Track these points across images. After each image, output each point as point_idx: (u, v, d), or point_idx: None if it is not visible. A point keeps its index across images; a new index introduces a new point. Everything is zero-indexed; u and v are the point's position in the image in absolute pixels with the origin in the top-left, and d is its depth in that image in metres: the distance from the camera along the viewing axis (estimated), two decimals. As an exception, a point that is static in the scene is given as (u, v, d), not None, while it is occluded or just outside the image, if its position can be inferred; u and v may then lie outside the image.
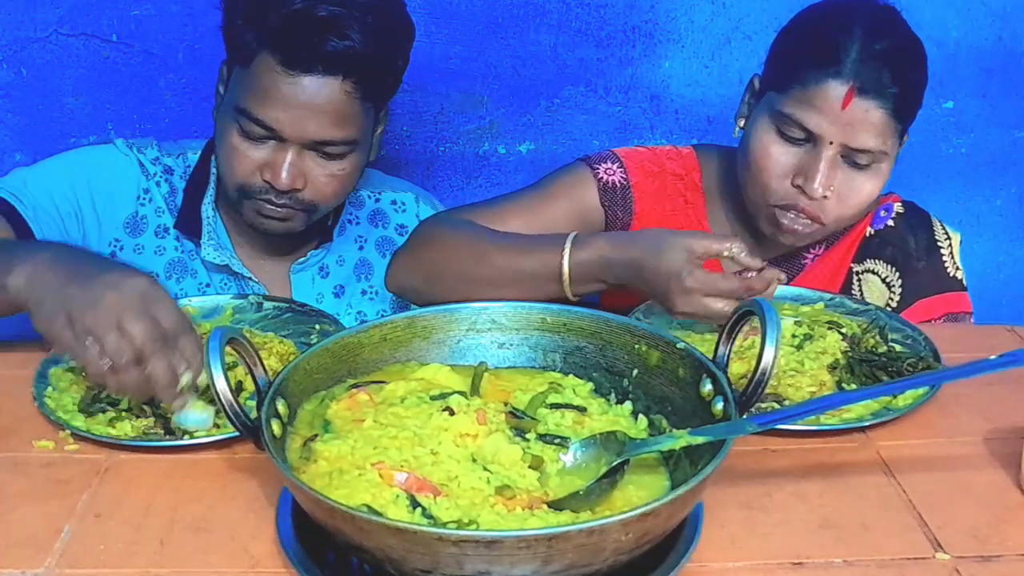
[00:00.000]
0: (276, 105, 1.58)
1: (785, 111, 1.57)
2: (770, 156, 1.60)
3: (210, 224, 1.77)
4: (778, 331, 1.10)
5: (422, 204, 1.93)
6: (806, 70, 1.56)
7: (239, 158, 1.63)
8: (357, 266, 1.87)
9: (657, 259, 1.41)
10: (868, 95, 1.53)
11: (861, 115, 1.53)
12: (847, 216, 1.63)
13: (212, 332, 1.07)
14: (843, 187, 1.58)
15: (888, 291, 1.74)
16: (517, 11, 2.23)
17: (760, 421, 1.08)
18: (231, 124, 1.63)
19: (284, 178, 1.61)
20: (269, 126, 1.59)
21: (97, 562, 1.06)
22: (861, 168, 1.58)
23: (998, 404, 1.35)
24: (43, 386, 1.34)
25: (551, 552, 0.91)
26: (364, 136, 1.67)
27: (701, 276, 1.37)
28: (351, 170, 1.68)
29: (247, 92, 1.60)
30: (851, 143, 1.55)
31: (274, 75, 1.57)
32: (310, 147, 1.62)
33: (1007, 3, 2.30)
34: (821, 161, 1.56)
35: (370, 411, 1.16)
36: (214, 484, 1.19)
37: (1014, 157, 2.43)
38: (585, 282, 1.51)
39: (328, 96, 1.58)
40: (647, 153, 1.82)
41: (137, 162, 1.77)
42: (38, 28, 2.11)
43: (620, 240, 1.50)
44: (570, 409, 1.21)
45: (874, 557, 1.08)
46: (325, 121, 1.59)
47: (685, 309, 1.38)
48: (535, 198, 1.74)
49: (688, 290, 1.37)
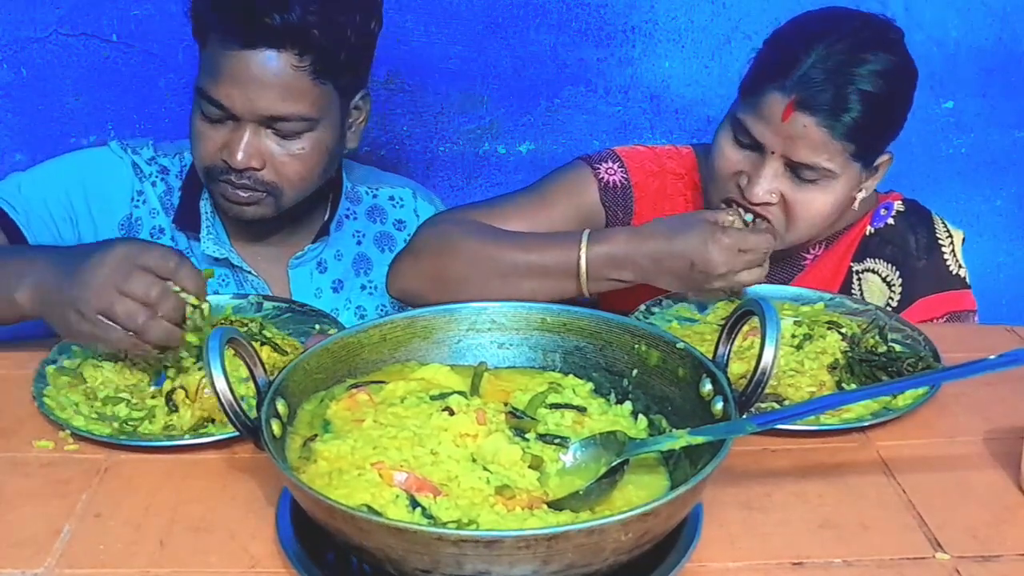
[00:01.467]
0: (226, 82, 1.59)
1: (739, 116, 1.60)
2: (723, 155, 1.63)
3: (208, 219, 1.78)
4: (778, 331, 1.10)
5: (419, 200, 1.93)
6: (758, 79, 1.58)
7: (202, 141, 1.65)
8: (356, 261, 1.87)
9: (678, 240, 1.48)
10: (807, 111, 1.53)
11: (800, 130, 1.54)
12: (799, 228, 1.63)
13: (212, 332, 1.07)
14: (790, 198, 1.59)
15: (888, 290, 1.74)
16: (517, 11, 2.24)
17: (760, 421, 1.08)
18: (196, 108, 1.65)
19: (239, 157, 1.61)
20: (221, 104, 1.60)
21: (97, 562, 1.06)
22: (808, 181, 1.58)
23: (998, 404, 1.35)
24: (43, 386, 1.34)
25: (551, 552, 0.91)
26: (324, 115, 1.65)
27: (732, 233, 1.47)
28: (311, 151, 1.66)
29: (204, 73, 1.62)
30: (791, 156, 1.56)
31: (222, 53, 1.59)
32: (265, 125, 1.62)
33: (1007, 3, 2.30)
34: (764, 167, 1.58)
35: (370, 411, 1.16)
36: (214, 484, 1.19)
37: (1014, 157, 2.43)
38: (601, 279, 1.52)
39: (276, 70, 1.58)
40: (647, 152, 1.82)
41: (131, 163, 1.79)
42: (38, 28, 2.11)
43: (636, 233, 1.53)
44: (570, 409, 1.21)
45: (874, 557, 1.08)
46: (274, 95, 1.59)
47: (725, 269, 1.46)
48: (536, 198, 1.73)
49: (725, 247, 1.45)
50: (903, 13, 2.19)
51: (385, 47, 2.23)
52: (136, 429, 1.28)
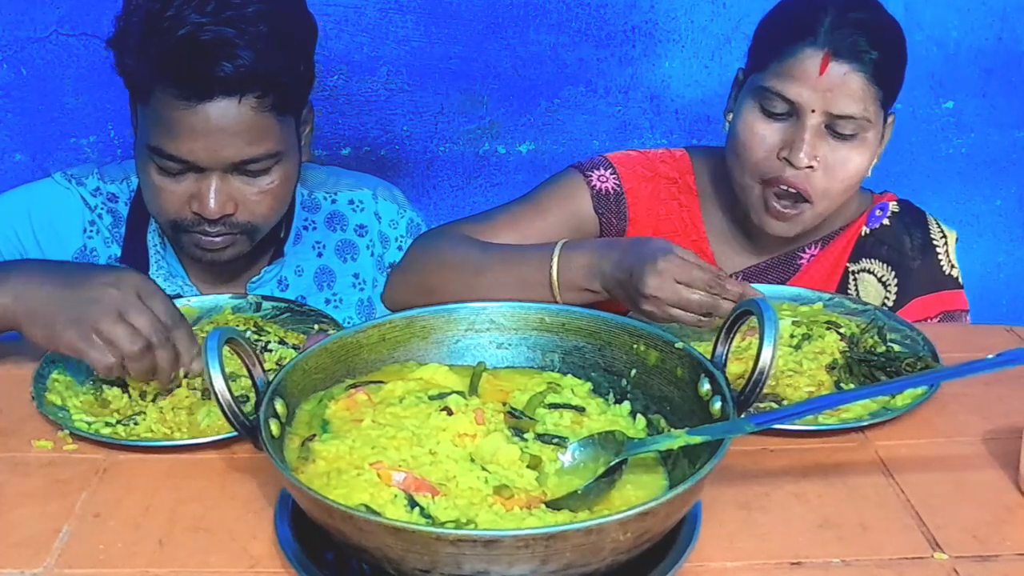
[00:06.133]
0: (185, 138, 1.51)
1: (766, 85, 1.59)
2: (755, 133, 1.62)
3: (159, 252, 1.71)
4: (776, 331, 1.10)
5: (381, 201, 1.84)
6: (783, 44, 1.59)
7: (164, 196, 1.57)
8: (317, 275, 1.79)
9: (631, 253, 1.44)
10: (844, 59, 1.55)
11: (839, 80, 1.55)
12: (835, 191, 1.62)
13: (211, 332, 1.07)
14: (829, 158, 1.59)
15: (884, 290, 1.74)
16: (517, 11, 2.24)
17: (758, 421, 1.08)
18: (147, 163, 1.56)
19: (212, 207, 1.55)
20: (183, 159, 1.52)
21: (96, 562, 1.07)
22: (846, 139, 1.59)
23: (997, 404, 1.35)
24: (42, 386, 1.34)
25: (549, 552, 0.91)
26: (287, 146, 1.59)
27: (677, 260, 1.39)
28: (281, 181, 1.60)
29: (154, 129, 1.53)
30: (832, 109, 1.56)
31: (174, 107, 1.50)
32: (231, 170, 1.55)
33: (1007, 3, 2.30)
34: (805, 131, 1.57)
35: (368, 411, 1.16)
36: (213, 484, 1.19)
37: (1014, 157, 2.43)
38: (572, 288, 1.52)
39: (236, 118, 1.51)
40: (639, 157, 1.82)
41: (78, 195, 1.72)
42: (38, 28, 2.11)
43: (607, 244, 1.53)
44: (568, 409, 1.21)
45: (872, 557, 1.08)
46: (239, 142, 1.52)
47: (655, 293, 1.38)
48: (528, 209, 1.74)
49: (660, 271, 1.38)
50: (903, 13, 2.19)
51: (385, 47, 2.24)
52: (134, 428, 1.29)
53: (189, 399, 1.32)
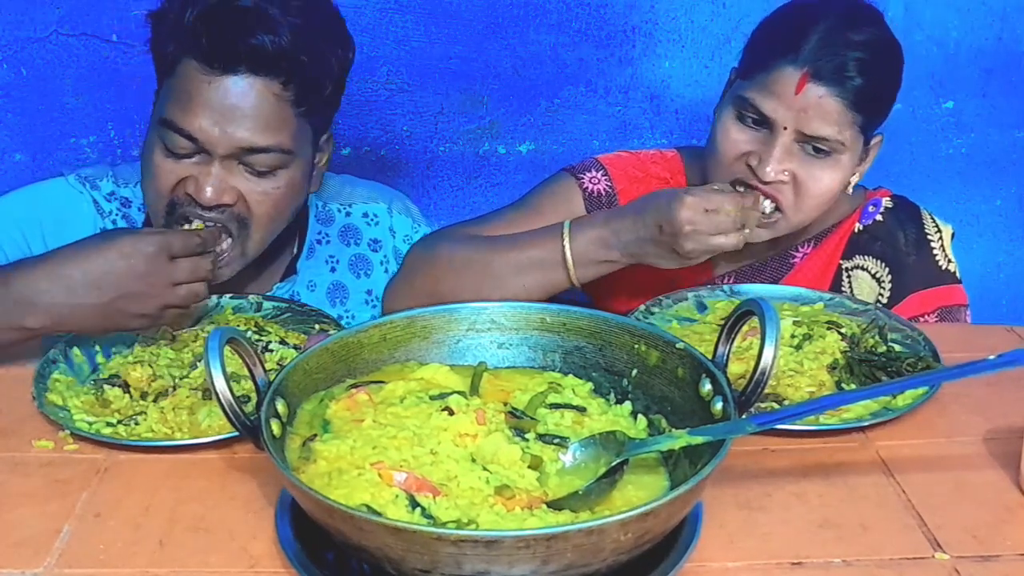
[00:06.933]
0: (199, 111, 1.47)
1: (746, 96, 1.60)
2: (728, 138, 1.63)
3: None
4: (777, 331, 1.10)
5: (396, 215, 1.82)
6: (767, 57, 1.59)
7: (162, 174, 1.52)
8: (331, 290, 1.77)
9: (648, 207, 1.51)
10: (823, 81, 1.54)
11: (815, 101, 1.54)
12: (807, 207, 1.62)
13: (212, 332, 1.07)
14: (800, 174, 1.59)
15: (878, 287, 1.74)
16: (517, 11, 2.24)
17: (759, 421, 1.08)
18: (155, 141, 1.52)
19: (208, 193, 1.49)
20: (192, 135, 1.48)
21: (96, 562, 1.07)
22: (818, 157, 1.58)
23: (997, 404, 1.35)
24: (43, 386, 1.34)
25: (550, 552, 0.91)
26: (300, 151, 1.55)
27: (694, 194, 1.49)
28: (286, 189, 1.55)
29: (170, 102, 1.50)
30: (805, 129, 1.56)
31: (197, 79, 1.47)
32: (238, 159, 1.50)
33: (1007, 3, 2.30)
34: (775, 147, 1.57)
35: (369, 411, 1.16)
36: (213, 484, 1.19)
37: (1014, 157, 2.43)
38: (588, 263, 1.54)
39: (255, 99, 1.47)
40: (631, 159, 1.83)
41: (91, 200, 1.69)
42: (38, 28, 2.11)
43: (613, 214, 1.57)
44: (569, 409, 1.21)
45: (873, 557, 1.08)
46: (252, 126, 1.48)
47: (694, 228, 1.46)
48: (522, 212, 1.74)
49: (689, 205, 1.46)
50: (903, 13, 2.19)
51: (385, 47, 2.24)
52: (135, 427, 1.29)
53: (190, 399, 1.32)
